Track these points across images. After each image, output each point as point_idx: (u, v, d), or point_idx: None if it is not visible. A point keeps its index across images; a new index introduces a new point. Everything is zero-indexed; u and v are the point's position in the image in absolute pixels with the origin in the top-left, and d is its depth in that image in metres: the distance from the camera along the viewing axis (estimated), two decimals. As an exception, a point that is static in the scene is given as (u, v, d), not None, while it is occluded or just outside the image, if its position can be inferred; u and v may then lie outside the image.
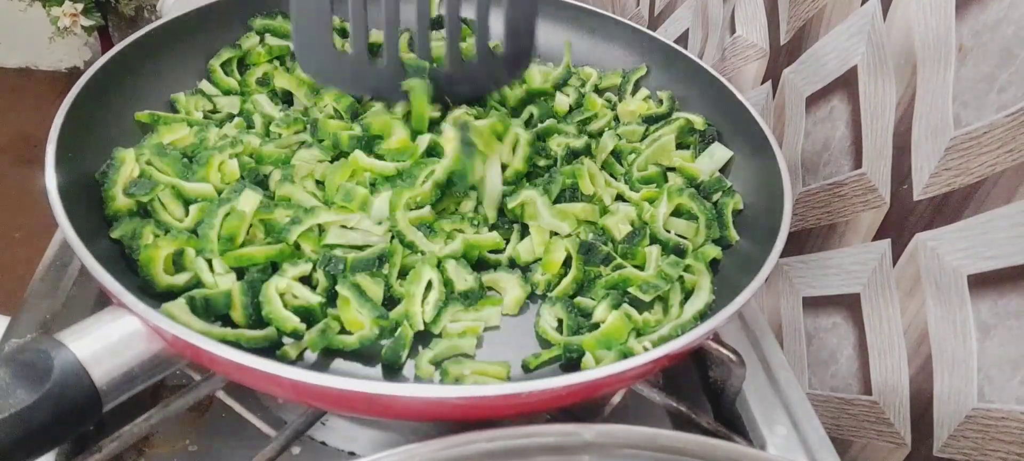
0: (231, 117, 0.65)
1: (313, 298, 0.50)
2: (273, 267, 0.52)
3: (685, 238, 0.61)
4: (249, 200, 0.52)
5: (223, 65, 0.68)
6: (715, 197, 0.64)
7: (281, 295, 0.49)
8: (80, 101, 0.54)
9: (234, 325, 0.49)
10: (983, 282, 0.52)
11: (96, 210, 0.52)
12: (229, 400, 0.53)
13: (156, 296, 0.49)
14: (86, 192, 0.52)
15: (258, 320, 0.48)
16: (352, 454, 0.55)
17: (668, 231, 0.61)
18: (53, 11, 2.26)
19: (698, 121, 0.70)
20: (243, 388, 0.53)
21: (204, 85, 0.67)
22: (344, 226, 0.54)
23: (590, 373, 0.42)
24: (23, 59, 2.70)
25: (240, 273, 0.51)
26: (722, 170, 0.67)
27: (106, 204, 0.52)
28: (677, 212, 0.62)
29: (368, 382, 0.40)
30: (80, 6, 2.26)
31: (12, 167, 2.24)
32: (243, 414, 0.52)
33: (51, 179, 0.48)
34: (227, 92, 0.67)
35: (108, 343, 0.41)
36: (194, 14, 0.68)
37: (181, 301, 0.47)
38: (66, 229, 0.45)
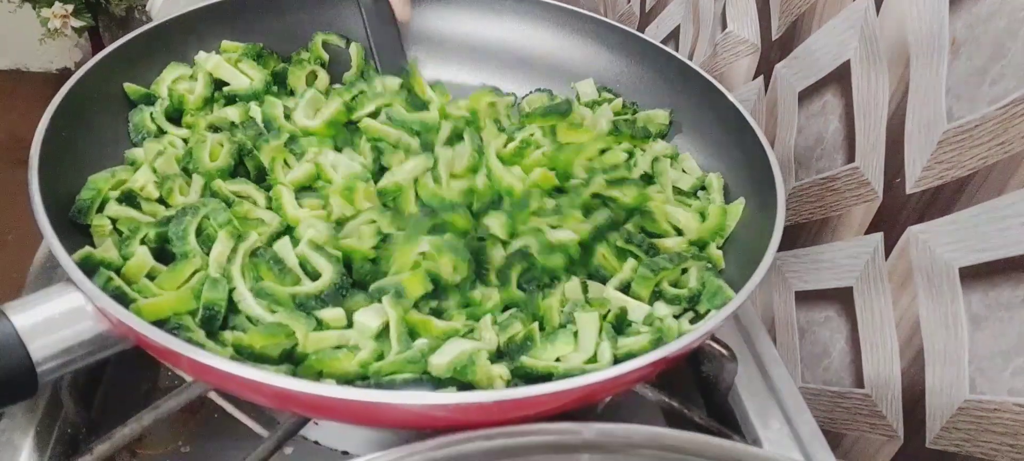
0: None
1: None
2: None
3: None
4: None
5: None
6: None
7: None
8: (67, 104, 0.54)
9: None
10: (975, 274, 0.52)
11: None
12: (221, 401, 0.53)
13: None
14: (70, 197, 0.52)
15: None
16: (346, 453, 0.55)
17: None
18: (43, 12, 2.24)
19: (661, 115, 0.72)
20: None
21: (204, 60, 0.66)
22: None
23: (589, 377, 0.41)
24: (13, 61, 2.68)
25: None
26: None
27: (93, 235, 0.52)
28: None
29: (357, 390, 0.39)
30: (70, 7, 2.24)
31: (3, 169, 2.22)
32: (235, 415, 0.52)
33: (34, 181, 0.47)
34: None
35: (50, 317, 0.41)
36: (185, 17, 0.67)
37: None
38: (37, 207, 0.45)
